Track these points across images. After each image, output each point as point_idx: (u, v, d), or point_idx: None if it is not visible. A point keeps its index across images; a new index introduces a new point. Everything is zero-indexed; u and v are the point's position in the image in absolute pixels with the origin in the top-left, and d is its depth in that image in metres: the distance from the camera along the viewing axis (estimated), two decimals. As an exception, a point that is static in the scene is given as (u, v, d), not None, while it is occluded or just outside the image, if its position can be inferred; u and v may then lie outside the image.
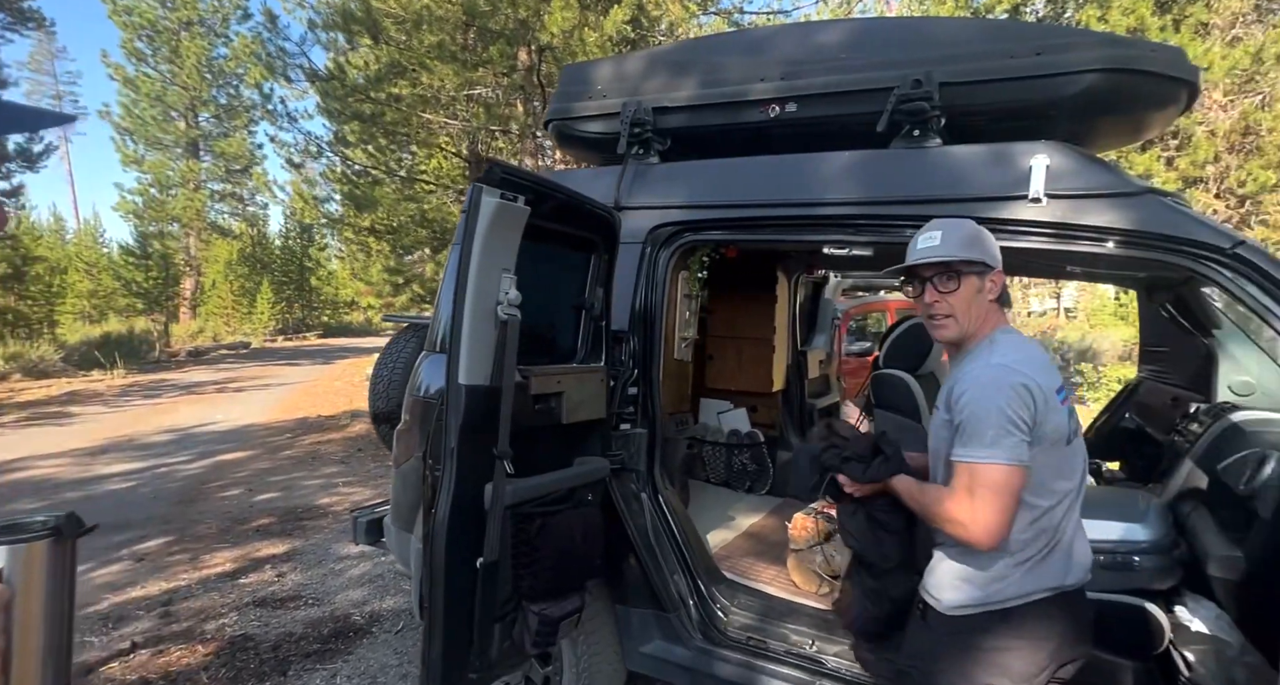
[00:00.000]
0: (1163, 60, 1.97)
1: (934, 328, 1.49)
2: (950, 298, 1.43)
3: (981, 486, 1.31)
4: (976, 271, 1.44)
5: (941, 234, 1.46)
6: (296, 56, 8.08)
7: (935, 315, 1.46)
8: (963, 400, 1.37)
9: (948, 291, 1.43)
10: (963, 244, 1.44)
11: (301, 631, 3.28)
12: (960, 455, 1.35)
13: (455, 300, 1.73)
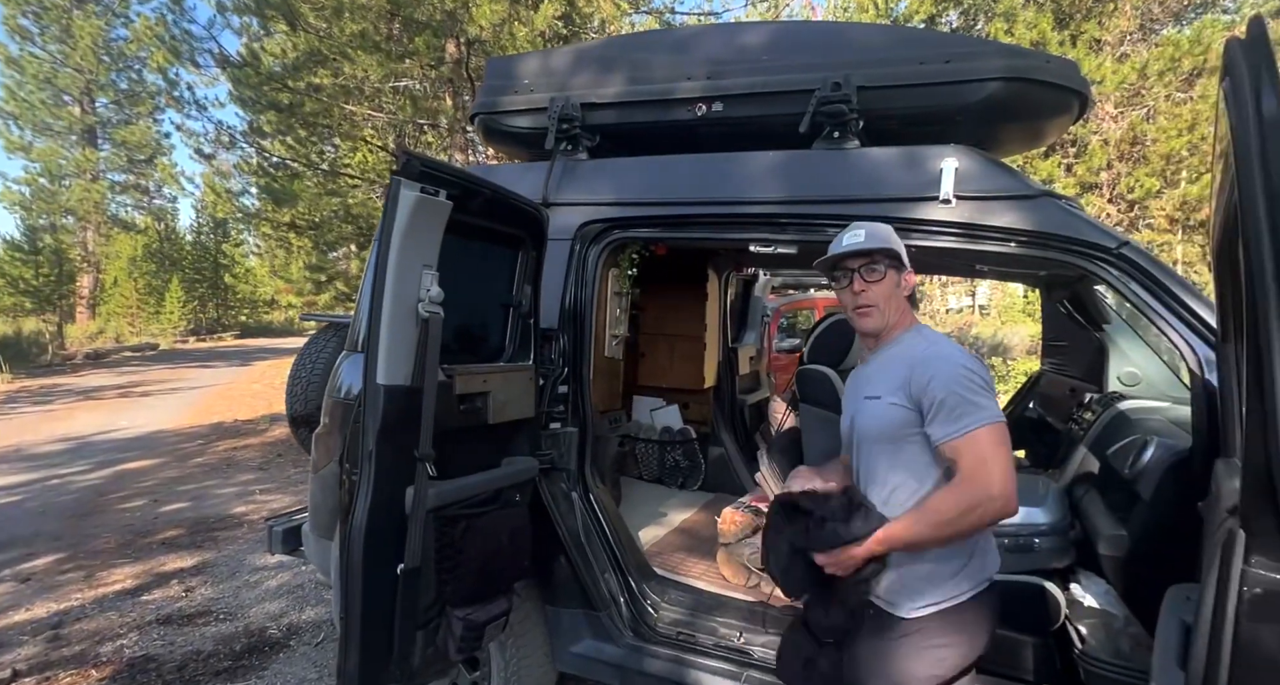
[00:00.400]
0: (1057, 71, 2.11)
1: (859, 317, 1.56)
2: (875, 287, 1.52)
3: (992, 446, 1.34)
4: (895, 266, 1.55)
5: (865, 232, 1.55)
6: (205, 41, 7.61)
7: (861, 305, 1.54)
8: (935, 382, 1.40)
9: (874, 281, 1.52)
10: (884, 240, 1.54)
11: (211, 649, 3.09)
12: (961, 429, 1.35)
13: (373, 297, 1.67)
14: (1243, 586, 0.83)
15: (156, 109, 23.51)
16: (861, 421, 1.55)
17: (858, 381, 1.65)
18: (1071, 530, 2.10)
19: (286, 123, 8.06)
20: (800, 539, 1.51)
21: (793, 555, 1.53)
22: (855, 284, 1.53)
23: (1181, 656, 0.98)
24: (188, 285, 28.51)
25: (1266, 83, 0.80)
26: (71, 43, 21.01)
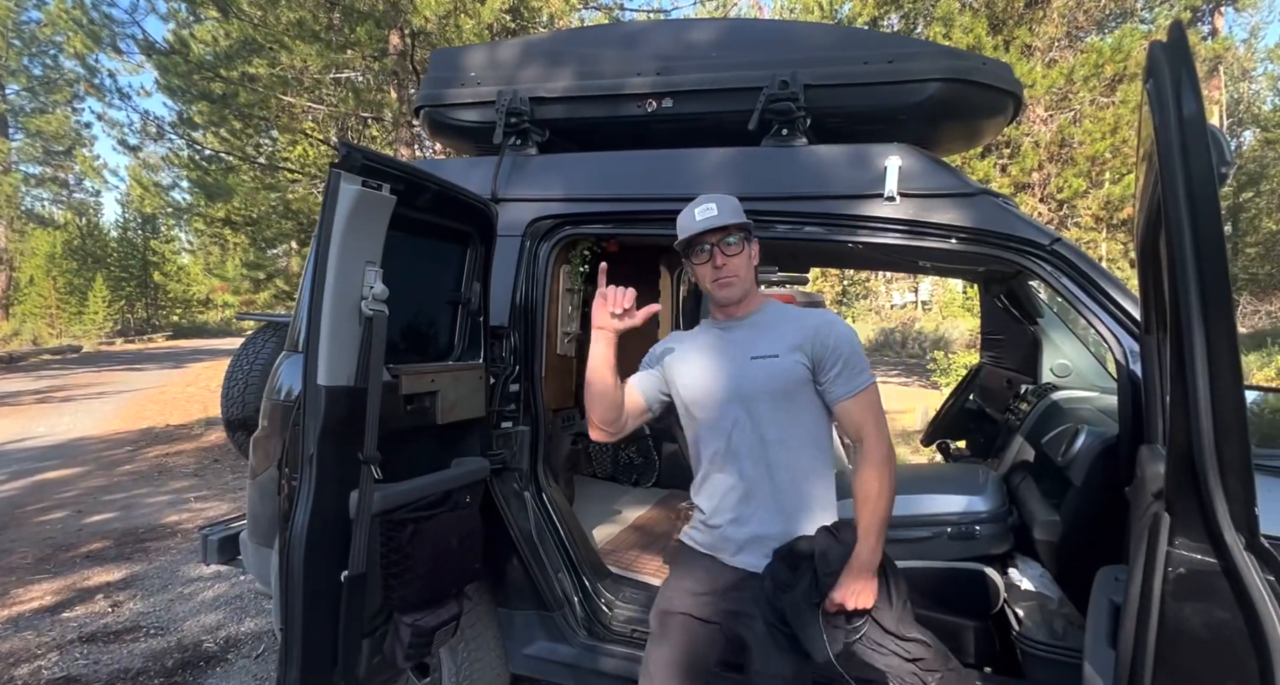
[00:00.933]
0: (993, 73, 2.18)
1: (721, 288, 1.60)
2: (735, 259, 1.59)
3: (879, 401, 1.58)
4: (748, 238, 1.63)
5: (716, 206, 1.60)
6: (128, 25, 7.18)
7: (724, 277, 1.59)
8: (835, 341, 1.55)
9: (733, 254, 1.58)
10: (735, 212, 1.61)
11: (141, 666, 2.93)
12: (861, 383, 1.55)
13: (313, 295, 1.60)
14: (1168, 567, 0.87)
15: (75, 97, 22.12)
16: (753, 380, 1.56)
17: (725, 345, 1.63)
18: (1010, 517, 2.18)
19: (219, 114, 7.69)
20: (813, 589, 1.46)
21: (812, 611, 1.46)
22: (716, 258, 1.58)
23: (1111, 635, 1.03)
24: (113, 284, 26.99)
25: (1187, 85, 0.84)
26: (-22, 24, 19.58)
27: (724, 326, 1.67)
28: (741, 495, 1.57)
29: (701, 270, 1.61)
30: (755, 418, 1.56)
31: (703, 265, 1.60)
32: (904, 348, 20.09)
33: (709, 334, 1.70)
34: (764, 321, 1.64)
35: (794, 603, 1.46)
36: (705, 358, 1.64)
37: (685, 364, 1.66)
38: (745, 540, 1.58)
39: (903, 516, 2.22)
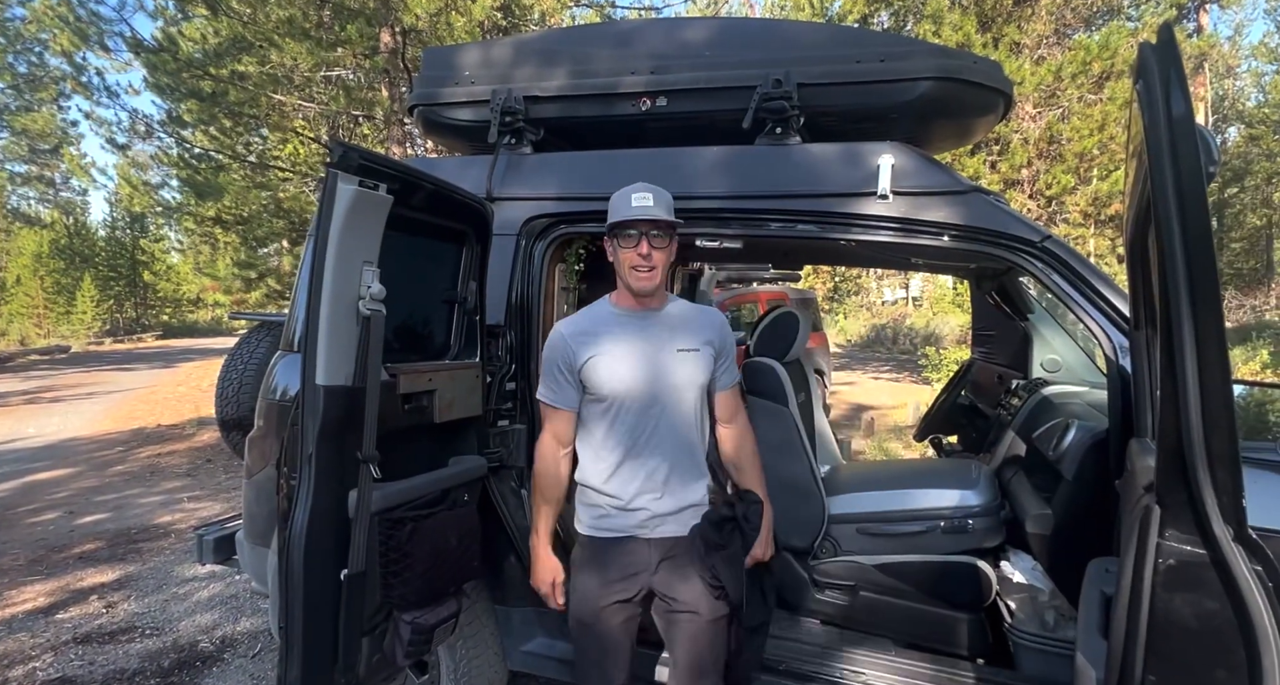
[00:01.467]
0: (984, 71, 2.20)
1: (639, 277, 1.67)
2: (658, 253, 1.66)
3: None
4: (673, 236, 1.70)
5: (653, 196, 1.66)
6: (116, 23, 7.10)
7: (643, 266, 1.66)
8: (729, 339, 1.80)
9: (659, 247, 1.66)
10: (669, 208, 1.69)
11: (137, 666, 2.92)
12: (736, 375, 1.83)
13: (310, 295, 1.60)
14: (1158, 558, 0.90)
15: (61, 95, 21.85)
16: (681, 371, 1.70)
17: (649, 338, 1.72)
18: (1002, 510, 2.21)
19: (209, 112, 7.63)
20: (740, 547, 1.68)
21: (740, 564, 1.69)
22: (642, 246, 1.65)
23: (1103, 625, 1.05)
24: (102, 284, 26.73)
25: (1175, 84, 0.86)
26: (-40, 21, 19.31)
27: (640, 318, 1.74)
28: (665, 474, 1.70)
29: (625, 255, 1.67)
30: (677, 403, 1.70)
31: (627, 250, 1.66)
32: (895, 344, 20.20)
33: (625, 326, 1.73)
34: (677, 316, 1.77)
35: (726, 558, 1.66)
36: (634, 351, 1.71)
37: (611, 358, 1.70)
38: (669, 512, 1.70)
39: (896, 511, 2.25)
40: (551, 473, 1.78)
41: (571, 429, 1.77)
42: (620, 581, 1.70)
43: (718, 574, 1.67)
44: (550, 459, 1.77)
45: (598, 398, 1.72)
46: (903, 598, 2.13)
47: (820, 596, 2.23)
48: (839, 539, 2.28)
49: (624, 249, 1.67)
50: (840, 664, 1.96)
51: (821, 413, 2.87)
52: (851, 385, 12.26)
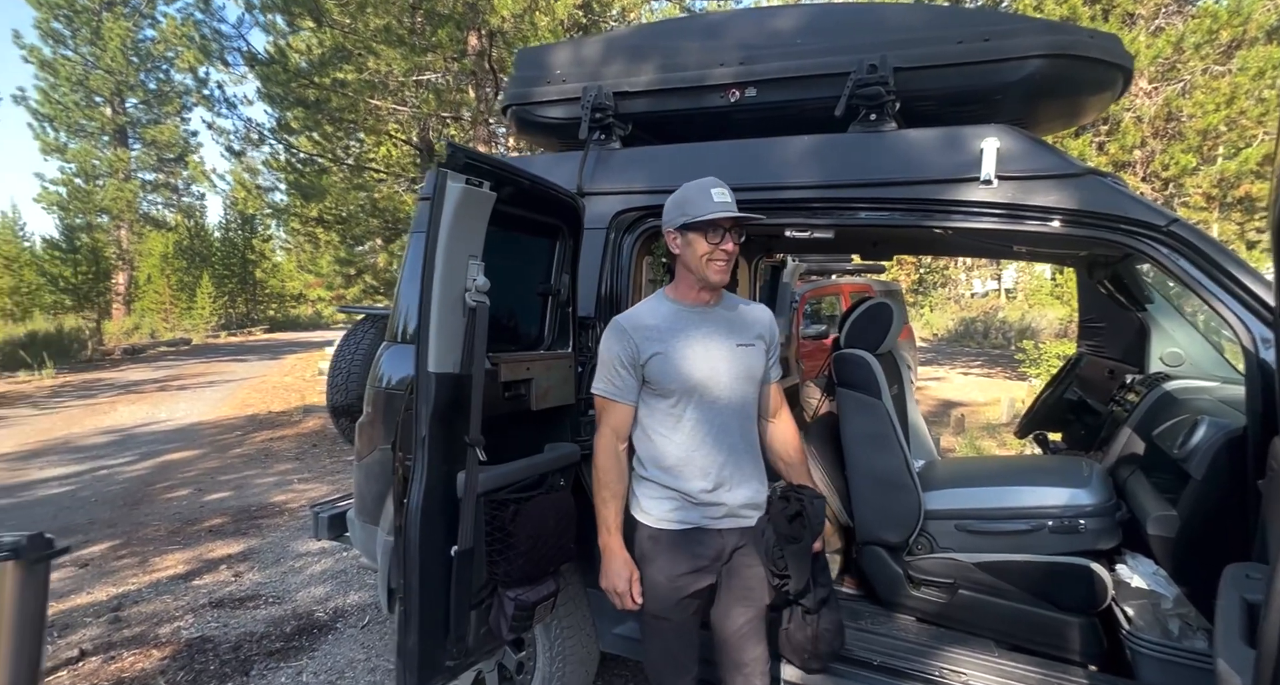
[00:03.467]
0: (1100, 46, 2.07)
1: (717, 271, 1.72)
2: (735, 247, 1.73)
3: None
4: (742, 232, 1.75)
5: (728, 192, 1.72)
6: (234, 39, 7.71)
7: (721, 262, 1.71)
8: (776, 335, 1.88)
9: (737, 242, 1.73)
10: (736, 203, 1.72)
11: (263, 630, 3.20)
12: (780, 370, 1.91)
13: (422, 288, 1.70)
14: (1315, 559, 0.83)
15: (183, 108, 23.93)
16: (742, 365, 1.75)
17: (711, 333, 1.76)
18: (1118, 511, 2.08)
19: (313, 118, 8.16)
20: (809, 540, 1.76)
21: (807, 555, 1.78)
22: (727, 242, 1.70)
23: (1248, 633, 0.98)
24: (218, 280, 29.14)
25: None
26: (101, 45, 21.44)
27: (700, 313, 1.78)
28: (733, 466, 1.74)
29: (704, 248, 1.70)
30: (739, 396, 1.76)
31: (710, 244, 1.70)
32: (986, 338, 19.19)
33: (688, 321, 1.76)
34: (732, 311, 1.83)
35: (796, 552, 1.74)
36: (698, 346, 1.74)
37: (676, 353, 1.72)
38: (739, 504, 1.76)
39: (999, 508, 2.16)
40: (614, 467, 1.79)
41: (630, 423, 1.80)
42: (694, 573, 1.74)
43: (786, 565, 1.74)
44: (611, 454, 1.79)
45: (663, 393, 1.74)
46: (1006, 598, 2.04)
47: (915, 593, 2.18)
48: (935, 535, 2.21)
49: (706, 243, 1.70)
50: (939, 662, 1.91)
51: (915, 406, 2.79)
52: (939, 381, 11.75)
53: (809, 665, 1.90)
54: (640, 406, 1.80)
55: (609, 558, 1.78)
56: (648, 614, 1.80)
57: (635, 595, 1.76)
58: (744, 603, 1.78)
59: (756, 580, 1.78)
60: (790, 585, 1.76)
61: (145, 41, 22.77)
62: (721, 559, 1.76)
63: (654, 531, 1.77)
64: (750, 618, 1.79)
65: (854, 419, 2.35)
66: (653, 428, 1.77)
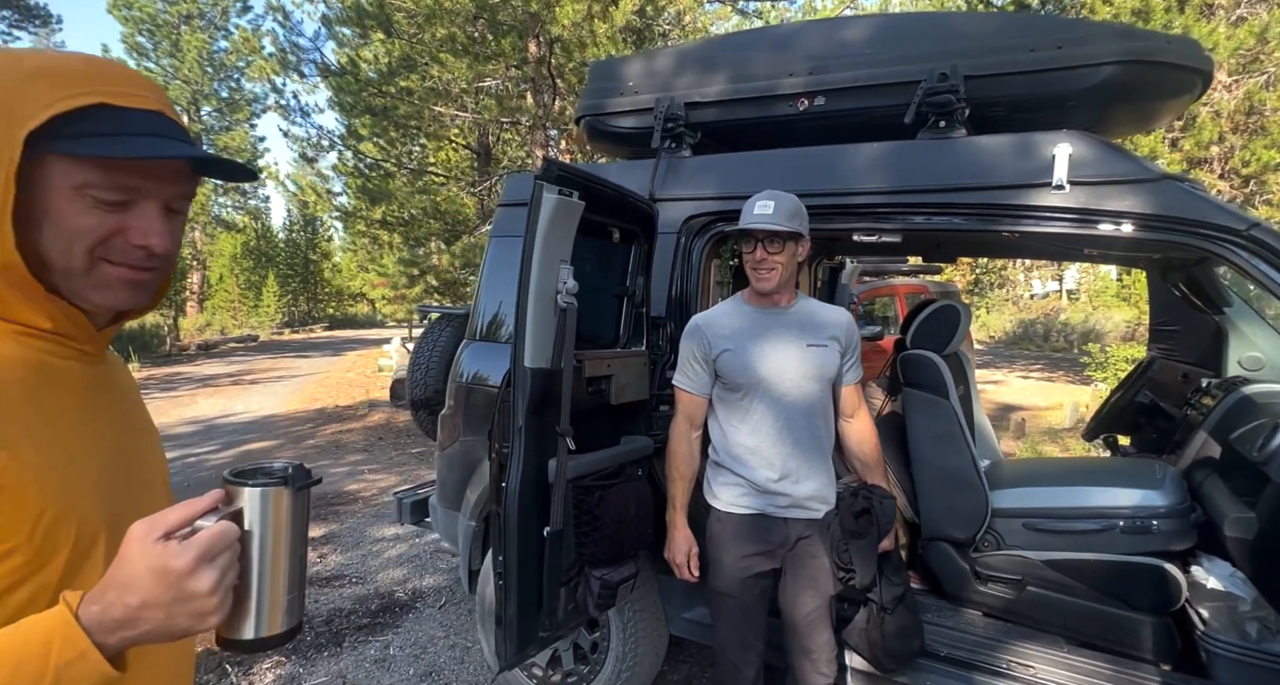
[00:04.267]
0: (1177, 51, 2.08)
1: (760, 278, 1.84)
2: (774, 257, 1.81)
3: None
4: (795, 239, 1.82)
5: (774, 205, 1.79)
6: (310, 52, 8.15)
7: (761, 269, 1.83)
8: (855, 338, 1.94)
9: (774, 252, 1.80)
10: (788, 216, 1.80)
11: (350, 607, 3.44)
12: (860, 373, 1.97)
13: (519, 290, 1.85)
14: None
15: (253, 115, 25.16)
16: (811, 364, 1.85)
17: (781, 333, 1.86)
18: (1192, 513, 2.09)
19: (380, 125, 8.53)
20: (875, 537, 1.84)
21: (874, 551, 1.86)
22: (758, 252, 1.81)
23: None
24: (282, 280, 30.46)
25: None
26: (180, 56, 22.74)
27: (770, 314, 1.90)
28: (799, 459, 1.85)
29: (747, 256, 1.85)
30: (806, 394, 1.85)
31: (748, 253, 1.84)
32: (1046, 341, 18.55)
33: (759, 320, 1.89)
34: (806, 313, 1.92)
35: (861, 547, 1.83)
36: (771, 344, 1.86)
37: (748, 350, 1.86)
38: (804, 496, 1.86)
39: (1069, 508, 2.19)
40: (686, 452, 1.97)
41: (703, 413, 1.96)
42: (758, 556, 1.87)
43: (851, 559, 1.83)
44: (684, 440, 1.97)
45: (733, 386, 1.88)
46: (1075, 595, 2.08)
47: (982, 588, 2.22)
48: (1002, 533, 2.26)
49: (746, 252, 1.86)
50: (1007, 656, 1.97)
51: (980, 407, 2.81)
52: (997, 384, 11.47)
53: (885, 665, 1.97)
54: (715, 399, 1.93)
55: (673, 532, 1.96)
56: (715, 592, 1.91)
57: (693, 568, 1.92)
58: (809, 592, 1.88)
59: (821, 571, 1.87)
60: (855, 580, 1.84)
61: (219, 52, 24.04)
62: (786, 546, 1.86)
63: (723, 515, 1.90)
64: (817, 605, 1.89)
65: (921, 418, 2.40)
66: (725, 419, 1.89)
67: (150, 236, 0.68)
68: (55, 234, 0.65)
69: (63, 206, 0.64)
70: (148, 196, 0.69)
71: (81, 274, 0.67)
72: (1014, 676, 1.92)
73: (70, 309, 0.69)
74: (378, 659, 2.97)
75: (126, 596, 0.56)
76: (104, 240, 0.67)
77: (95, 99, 0.65)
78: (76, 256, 0.66)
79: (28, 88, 0.63)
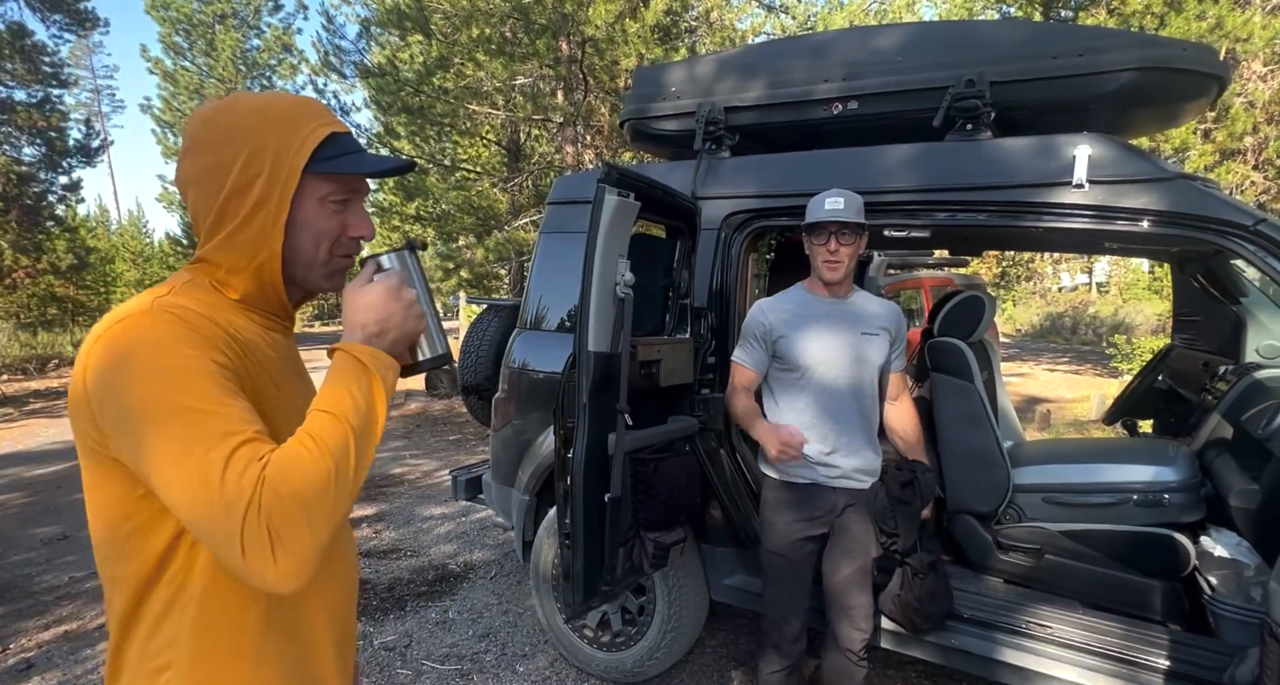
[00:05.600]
0: (1194, 58, 2.22)
1: (829, 268, 2.02)
2: (845, 249, 1.99)
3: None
4: (860, 234, 2.01)
5: (844, 201, 1.98)
6: (351, 54, 8.44)
7: (832, 261, 2.00)
8: (903, 329, 2.13)
9: (846, 244, 1.99)
10: (858, 211, 2.00)
11: (409, 577, 3.71)
12: (904, 361, 2.15)
13: (583, 282, 2.06)
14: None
15: (284, 113, 25.67)
16: (865, 349, 2.04)
17: (839, 320, 2.06)
18: (1202, 488, 2.25)
19: (417, 124, 8.81)
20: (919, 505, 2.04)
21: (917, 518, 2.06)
22: (831, 243, 2.00)
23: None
24: (313, 274, 31.15)
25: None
26: (215, 55, 23.31)
27: (830, 304, 2.09)
28: (848, 436, 2.04)
29: (818, 250, 2.04)
30: (860, 377, 2.04)
31: (820, 246, 2.02)
32: (1075, 334, 18.38)
33: (818, 308, 2.09)
34: (862, 305, 2.11)
35: (908, 515, 2.04)
36: (828, 330, 2.07)
37: (806, 335, 2.07)
38: (851, 468, 2.05)
39: (1086, 483, 2.36)
40: (747, 405, 2.19)
41: (754, 385, 2.19)
42: (808, 521, 2.08)
43: (896, 525, 2.04)
44: (745, 396, 2.20)
45: (791, 368, 2.09)
46: (1091, 563, 2.25)
47: (1004, 557, 2.40)
48: (1023, 507, 2.43)
49: (817, 245, 2.04)
50: (1026, 617, 2.15)
51: (1004, 392, 2.98)
52: (1023, 377, 11.47)
53: (920, 625, 2.16)
54: (771, 378, 2.16)
55: (762, 437, 2.09)
56: (767, 551, 2.12)
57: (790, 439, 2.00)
58: (851, 555, 2.08)
59: (865, 535, 2.07)
60: (899, 544, 2.05)
61: (252, 51, 24.59)
62: (834, 513, 2.07)
63: (777, 483, 2.11)
64: (856, 568, 2.09)
65: (948, 401, 2.58)
66: (781, 395, 2.10)
67: (365, 228, 0.91)
68: (308, 237, 0.87)
69: (313, 213, 0.87)
70: (359, 196, 0.91)
71: (322, 265, 0.90)
72: (1033, 635, 2.10)
73: (282, 293, 0.90)
74: (439, 621, 3.23)
75: (370, 318, 0.83)
76: (337, 237, 0.89)
77: (329, 129, 0.87)
78: (323, 251, 0.88)
79: (284, 128, 0.84)
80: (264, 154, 0.82)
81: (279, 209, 0.83)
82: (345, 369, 0.80)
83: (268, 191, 0.83)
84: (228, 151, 0.82)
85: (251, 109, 0.86)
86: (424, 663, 2.87)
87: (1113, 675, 1.92)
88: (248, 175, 0.82)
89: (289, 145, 0.83)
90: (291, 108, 0.87)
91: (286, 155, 0.83)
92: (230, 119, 0.84)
